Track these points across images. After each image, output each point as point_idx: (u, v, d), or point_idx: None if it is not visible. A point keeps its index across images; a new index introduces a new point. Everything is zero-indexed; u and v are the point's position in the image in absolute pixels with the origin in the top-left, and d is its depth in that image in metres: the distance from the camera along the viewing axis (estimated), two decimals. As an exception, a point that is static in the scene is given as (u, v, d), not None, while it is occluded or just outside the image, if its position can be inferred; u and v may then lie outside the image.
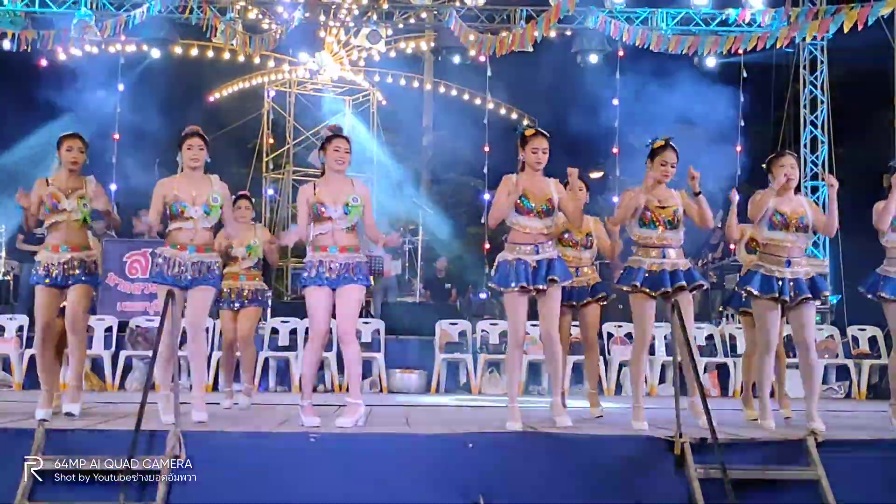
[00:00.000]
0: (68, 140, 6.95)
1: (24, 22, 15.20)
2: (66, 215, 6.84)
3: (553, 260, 6.45)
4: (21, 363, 11.22)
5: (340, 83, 19.82)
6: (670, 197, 6.84)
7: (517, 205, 6.44)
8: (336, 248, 6.47)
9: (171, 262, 6.56)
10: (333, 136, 6.62)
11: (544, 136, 6.55)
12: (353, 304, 6.51)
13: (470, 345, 12.00)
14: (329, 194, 6.50)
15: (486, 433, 5.96)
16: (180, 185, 6.66)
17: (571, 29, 15.80)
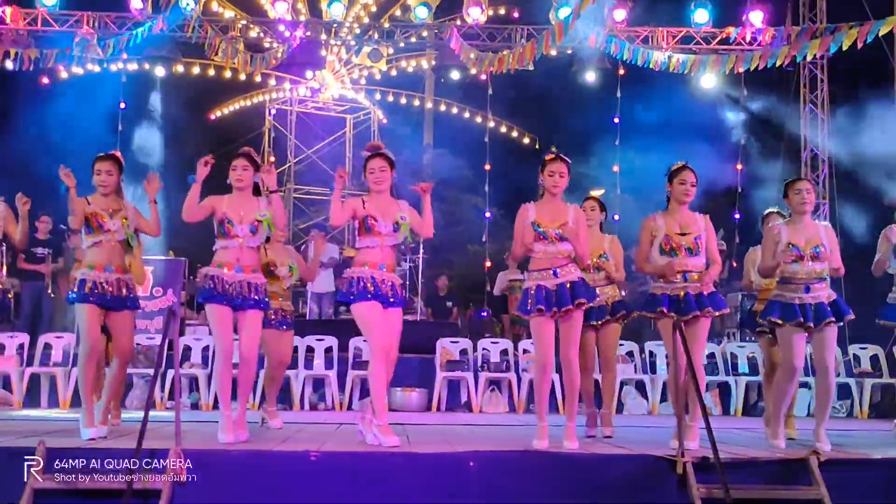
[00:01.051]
0: (97, 163, 7.05)
1: (27, 40, 15.24)
2: (111, 235, 6.88)
3: (575, 282, 6.45)
4: (22, 381, 11.20)
5: (342, 101, 19.87)
6: (693, 223, 6.84)
7: (531, 233, 6.47)
8: (385, 267, 6.49)
9: (217, 282, 6.56)
10: (371, 156, 6.64)
11: (563, 161, 6.59)
12: (399, 325, 6.55)
13: (471, 363, 11.98)
14: (378, 210, 6.52)
15: (488, 452, 5.95)
16: (230, 202, 6.68)
17: (572, 47, 15.83)
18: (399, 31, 16.61)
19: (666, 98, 16.53)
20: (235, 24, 16.25)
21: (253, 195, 6.83)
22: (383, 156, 6.67)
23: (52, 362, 11.44)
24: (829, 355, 6.88)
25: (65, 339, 11.63)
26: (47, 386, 11.48)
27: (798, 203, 6.93)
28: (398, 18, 16.98)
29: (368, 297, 6.45)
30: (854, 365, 12.27)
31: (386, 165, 6.63)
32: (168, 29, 15.25)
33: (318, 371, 11.70)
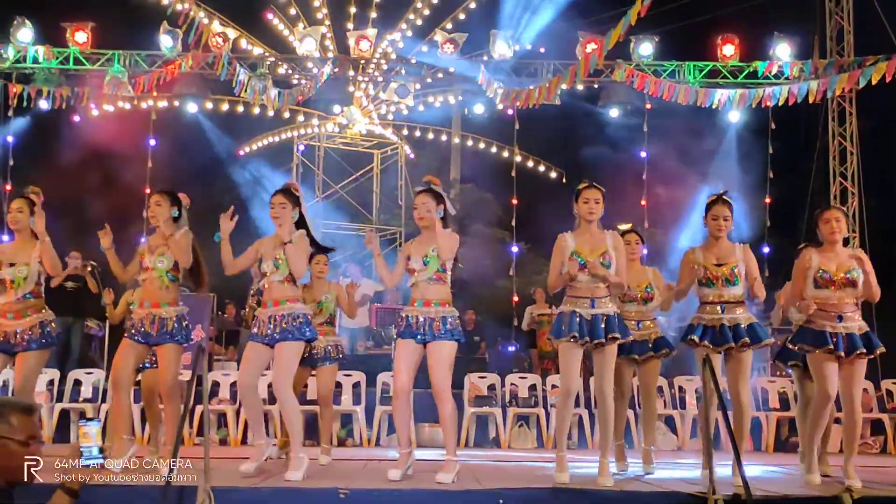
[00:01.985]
0: (150, 197, 7.13)
1: (59, 79, 15.44)
2: (149, 273, 6.96)
3: (611, 316, 6.43)
4: (52, 417, 11.25)
5: (369, 137, 19.97)
6: (730, 253, 6.81)
7: (570, 262, 6.46)
8: (421, 303, 6.50)
9: (256, 320, 6.66)
10: (418, 192, 6.68)
11: (597, 189, 6.60)
12: (443, 359, 6.50)
13: (499, 398, 11.94)
14: (417, 247, 6.56)
15: (518, 489, 5.90)
16: (267, 242, 6.78)
17: (599, 82, 15.87)
18: (426, 66, 16.70)
19: (693, 132, 16.52)
20: (264, 62, 16.39)
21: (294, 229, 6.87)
22: (430, 191, 6.67)
23: (82, 398, 11.49)
24: (856, 388, 6.80)
25: (94, 374, 11.68)
26: (75, 421, 11.53)
27: (828, 232, 6.89)
28: (425, 54, 17.07)
29: (400, 334, 6.57)
30: (887, 400, 12.13)
31: (428, 200, 6.63)
32: (198, 66, 15.41)
33: (346, 406, 11.69)
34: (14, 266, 7.02)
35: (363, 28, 16.79)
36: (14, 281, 7.01)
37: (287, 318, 6.66)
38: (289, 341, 6.64)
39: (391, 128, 19.89)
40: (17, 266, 7.01)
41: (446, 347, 6.50)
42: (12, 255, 7.08)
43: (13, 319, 7.03)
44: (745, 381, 6.86)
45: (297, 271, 6.73)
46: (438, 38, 16.29)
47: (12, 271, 7.00)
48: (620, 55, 15.28)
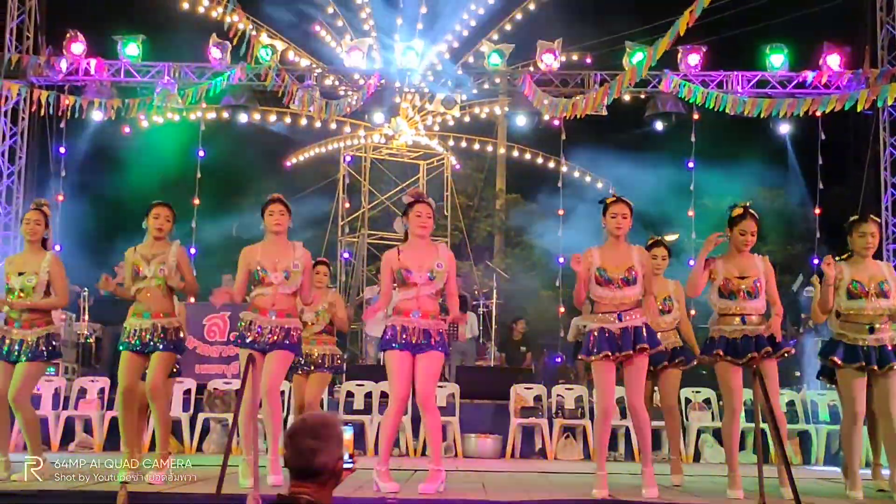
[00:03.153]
0: (156, 208, 7.16)
1: (111, 91, 15.65)
2: (147, 282, 7.01)
3: (639, 327, 6.41)
4: (102, 425, 11.37)
5: (415, 148, 20.02)
6: (752, 266, 6.75)
7: (596, 277, 6.45)
8: (419, 314, 6.51)
9: (252, 327, 6.67)
10: (415, 202, 6.70)
11: (624, 203, 6.57)
12: (434, 370, 6.54)
13: (545, 409, 11.90)
14: (414, 259, 6.57)
15: (565, 500, 5.89)
16: (264, 251, 6.78)
17: (646, 92, 15.80)
18: (472, 77, 16.73)
19: (741, 142, 16.40)
20: (311, 73, 16.51)
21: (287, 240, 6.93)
22: (429, 203, 6.74)
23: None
24: (893, 402, 6.71)
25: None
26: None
27: (861, 247, 6.85)
28: (471, 65, 17.11)
29: (393, 346, 6.56)
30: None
31: (431, 213, 6.70)
32: (246, 78, 15.55)
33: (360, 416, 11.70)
34: (23, 275, 7.11)
35: (410, 39, 16.86)
36: (23, 290, 7.11)
37: (289, 330, 6.71)
38: (284, 351, 6.70)
39: (437, 138, 19.93)
40: (25, 275, 7.11)
41: (436, 358, 6.58)
42: (21, 265, 7.20)
43: (20, 329, 7.12)
44: (777, 392, 6.81)
45: (307, 293, 6.88)
46: (484, 49, 16.31)
47: (21, 280, 7.10)
48: (668, 65, 15.21)
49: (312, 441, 3.51)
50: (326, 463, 3.52)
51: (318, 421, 3.61)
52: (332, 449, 3.55)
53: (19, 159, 16.04)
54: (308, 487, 3.52)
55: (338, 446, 3.57)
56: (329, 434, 3.56)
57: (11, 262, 7.31)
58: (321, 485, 3.55)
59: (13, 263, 7.25)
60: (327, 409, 11.33)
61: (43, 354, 7.14)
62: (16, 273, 7.12)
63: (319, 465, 3.52)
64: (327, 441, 3.54)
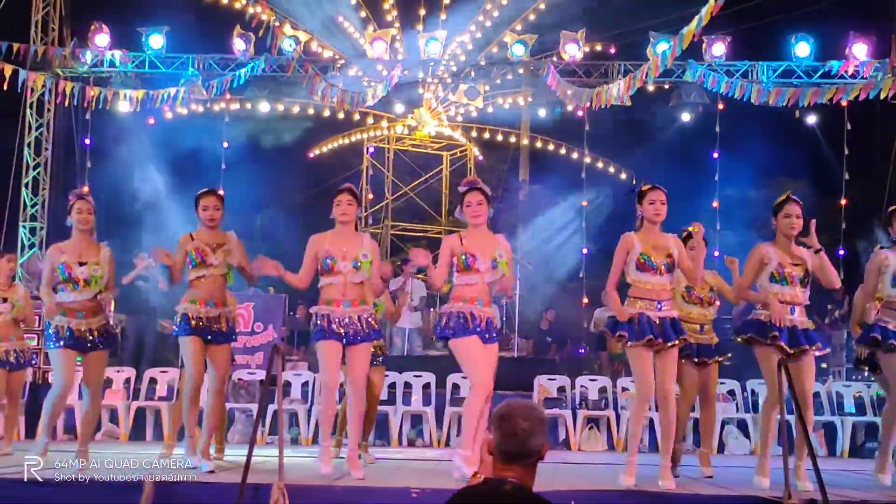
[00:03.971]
0: (204, 198, 7.20)
1: (135, 82, 15.73)
2: (212, 270, 7.04)
3: (675, 319, 6.43)
4: (128, 415, 11.45)
5: (438, 139, 20.01)
6: (803, 254, 6.75)
7: (639, 262, 6.43)
8: (482, 302, 6.52)
9: (330, 319, 6.67)
10: (467, 190, 6.71)
11: (661, 190, 6.57)
12: (496, 360, 6.57)
13: (569, 400, 11.89)
14: (477, 246, 6.56)
15: (589, 490, 5.89)
16: (332, 240, 6.78)
17: (670, 82, 15.73)
18: (496, 68, 16.70)
19: (766, 133, 16.29)
20: (334, 64, 16.52)
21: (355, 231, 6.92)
22: (480, 189, 6.72)
23: (157, 396, 11.67)
24: None
25: (169, 373, 11.87)
26: (152, 420, 11.72)
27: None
28: (495, 55, 17.08)
29: (468, 332, 6.47)
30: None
31: (483, 199, 6.68)
32: (269, 69, 15.59)
33: (416, 407, 11.73)
34: (86, 265, 7.12)
35: (433, 30, 16.84)
36: (89, 280, 7.12)
37: (364, 319, 6.71)
38: (369, 342, 6.72)
39: (460, 129, 19.91)
40: (89, 265, 7.11)
41: (495, 350, 6.65)
42: (80, 255, 7.17)
43: (84, 318, 7.15)
44: (812, 385, 6.80)
45: (377, 281, 6.85)
46: (508, 40, 16.28)
47: (87, 270, 7.10)
48: (692, 55, 15.13)
49: (526, 423, 3.56)
50: (538, 445, 3.57)
51: (528, 404, 3.67)
52: (541, 431, 3.60)
53: (45, 150, 16.16)
54: (514, 470, 3.56)
55: (545, 430, 3.62)
56: (539, 417, 3.62)
57: (65, 250, 7.23)
58: (529, 467, 3.60)
59: (68, 252, 7.18)
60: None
61: (107, 342, 7.21)
62: (76, 262, 7.10)
63: (533, 447, 3.56)
64: (539, 424, 3.60)
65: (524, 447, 3.57)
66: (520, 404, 3.66)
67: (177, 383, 11.61)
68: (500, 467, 3.60)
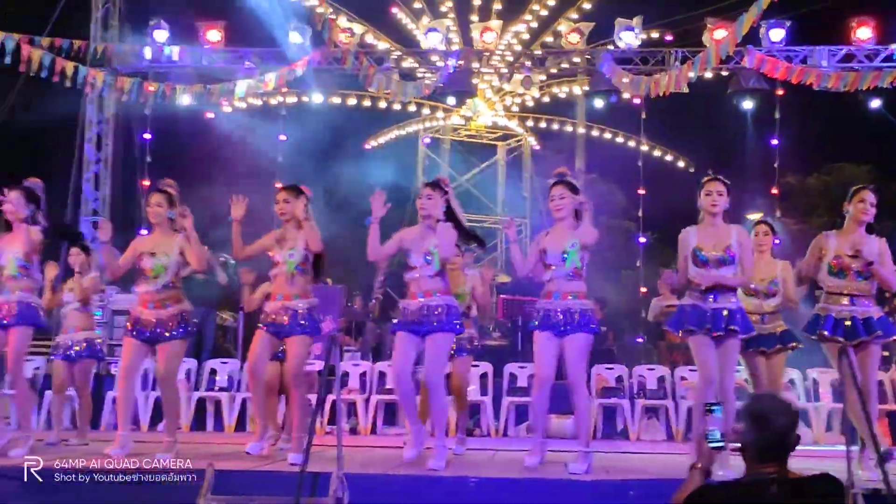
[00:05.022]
0: (277, 193, 7.29)
1: (193, 77, 15.89)
2: (280, 267, 7.13)
3: (733, 310, 6.34)
4: (189, 406, 11.59)
5: (494, 129, 19.99)
6: (865, 245, 6.64)
7: (692, 257, 6.39)
8: (559, 295, 6.53)
9: (405, 312, 6.74)
10: (553, 183, 6.73)
11: (721, 181, 6.50)
12: (580, 352, 6.54)
13: (627, 390, 11.82)
14: (552, 241, 6.58)
15: (649, 480, 5.86)
16: (412, 234, 6.84)
17: (728, 68, 15.55)
18: (551, 57, 16.64)
19: (827, 118, 16.06)
20: (390, 55, 16.58)
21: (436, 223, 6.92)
22: (564, 183, 6.72)
23: (218, 387, 11.80)
24: None
25: (229, 364, 12.00)
26: (213, 410, 11.86)
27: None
28: (550, 45, 17.01)
29: (540, 327, 6.58)
30: None
31: (566, 192, 6.67)
32: (326, 62, 15.67)
33: (474, 397, 11.73)
34: (154, 256, 7.24)
35: (487, 20, 16.82)
36: (153, 270, 7.23)
37: (439, 309, 6.72)
38: (445, 332, 6.72)
39: (516, 119, 19.88)
40: (157, 256, 7.23)
41: (582, 340, 6.49)
42: (153, 247, 7.29)
43: (154, 309, 7.24)
44: (875, 373, 6.71)
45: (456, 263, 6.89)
46: (563, 28, 16.21)
47: (153, 261, 7.22)
48: (750, 41, 14.94)
49: (783, 419, 3.56)
50: (796, 438, 3.58)
51: (777, 398, 3.68)
52: (796, 423, 3.59)
53: (106, 146, 16.39)
54: (772, 467, 3.54)
55: (798, 421, 3.60)
56: (794, 410, 3.62)
57: (143, 242, 7.41)
58: (784, 462, 3.58)
59: (144, 244, 7.34)
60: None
61: (181, 332, 7.26)
62: (148, 253, 7.24)
63: (791, 441, 3.57)
64: (795, 417, 3.60)
65: (784, 444, 3.53)
66: (772, 401, 3.59)
67: (237, 374, 11.76)
68: (756, 464, 3.54)
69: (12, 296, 7.34)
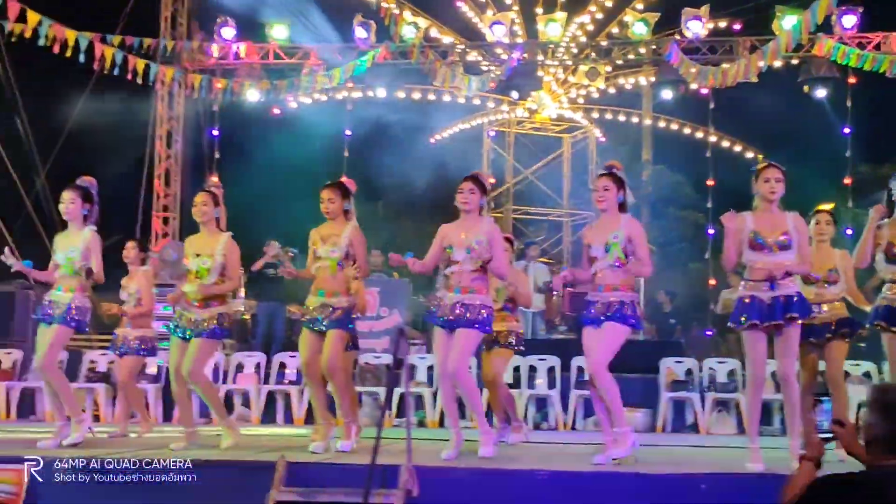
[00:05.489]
0: (323, 190, 7.31)
1: (260, 73, 16.06)
2: (322, 261, 7.17)
3: (792, 296, 6.20)
4: (259, 399, 11.72)
5: (559, 121, 19.90)
6: None
7: (750, 241, 6.26)
8: (602, 287, 6.50)
9: (438, 304, 6.75)
10: (599, 176, 6.72)
11: (777, 168, 6.37)
12: (606, 340, 6.49)
13: (697, 383, 11.70)
14: (595, 234, 6.56)
15: (721, 474, 5.79)
16: (454, 228, 6.84)
17: (798, 56, 15.30)
18: (617, 48, 16.51)
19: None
20: (454, 49, 16.57)
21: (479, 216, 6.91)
22: (608, 175, 6.67)
23: (287, 380, 11.91)
24: None
25: (297, 358, 12.09)
26: (282, 403, 11.97)
27: None
28: (615, 36, 16.88)
29: (585, 321, 6.61)
30: None
31: (610, 184, 6.62)
32: (391, 57, 15.72)
33: (541, 391, 11.71)
34: (199, 257, 7.32)
35: (552, 12, 16.73)
36: (198, 271, 7.31)
37: (473, 309, 6.70)
38: (474, 329, 6.71)
39: (581, 111, 19.77)
40: (201, 257, 7.31)
41: (612, 329, 6.45)
42: (199, 247, 7.37)
43: (197, 307, 7.34)
44: None
45: (498, 265, 6.83)
46: (628, 19, 16.07)
47: (197, 262, 7.30)
48: (821, 28, 14.68)
49: None
50: None
51: None
52: None
53: (175, 143, 16.65)
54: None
55: None
56: None
57: (191, 242, 7.51)
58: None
59: (192, 244, 7.45)
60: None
61: (214, 333, 7.34)
62: (193, 254, 7.34)
63: None
64: None
65: None
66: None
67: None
68: (882, 457, 3.48)
69: (65, 295, 7.44)
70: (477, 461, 6.41)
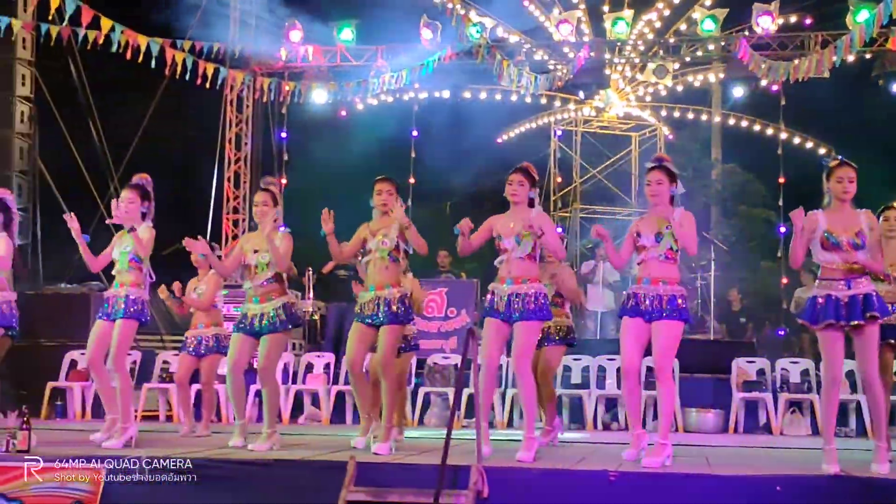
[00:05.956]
0: (378, 184, 7.35)
1: (328, 76, 16.18)
2: (372, 255, 7.20)
3: (870, 295, 6.07)
4: (329, 399, 11.79)
5: (626, 119, 19.76)
6: None
7: (822, 241, 6.15)
8: (649, 280, 6.45)
9: (495, 297, 6.76)
10: (650, 168, 6.69)
11: (850, 166, 6.25)
12: (668, 340, 6.43)
13: (769, 383, 11.53)
14: (646, 224, 6.55)
15: (796, 476, 5.70)
16: (503, 218, 6.87)
17: (871, 51, 15.01)
18: (685, 45, 16.35)
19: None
20: (521, 48, 16.53)
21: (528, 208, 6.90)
22: (659, 168, 6.63)
23: (356, 381, 11.95)
24: None
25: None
26: (351, 403, 12.02)
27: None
28: (683, 33, 16.71)
29: (624, 312, 6.56)
30: None
31: (662, 178, 6.58)
32: (457, 57, 15.73)
33: (611, 391, 11.62)
34: (258, 253, 7.40)
35: (619, 10, 16.61)
36: (257, 266, 7.39)
37: (528, 297, 6.67)
38: (533, 321, 6.68)
39: (649, 109, 19.61)
40: (259, 253, 7.39)
41: (671, 328, 6.38)
42: (258, 243, 7.44)
43: (258, 303, 7.39)
44: None
45: (555, 241, 6.83)
46: (696, 15, 15.90)
47: (256, 257, 7.39)
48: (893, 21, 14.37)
49: None
50: None
51: None
52: None
53: (245, 145, 16.83)
54: None
55: None
56: None
57: (248, 239, 7.61)
58: None
59: (250, 241, 7.55)
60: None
61: (283, 325, 7.39)
62: (252, 251, 7.44)
63: None
64: None
65: None
66: None
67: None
68: None
69: (121, 290, 7.56)
70: (546, 462, 6.39)
